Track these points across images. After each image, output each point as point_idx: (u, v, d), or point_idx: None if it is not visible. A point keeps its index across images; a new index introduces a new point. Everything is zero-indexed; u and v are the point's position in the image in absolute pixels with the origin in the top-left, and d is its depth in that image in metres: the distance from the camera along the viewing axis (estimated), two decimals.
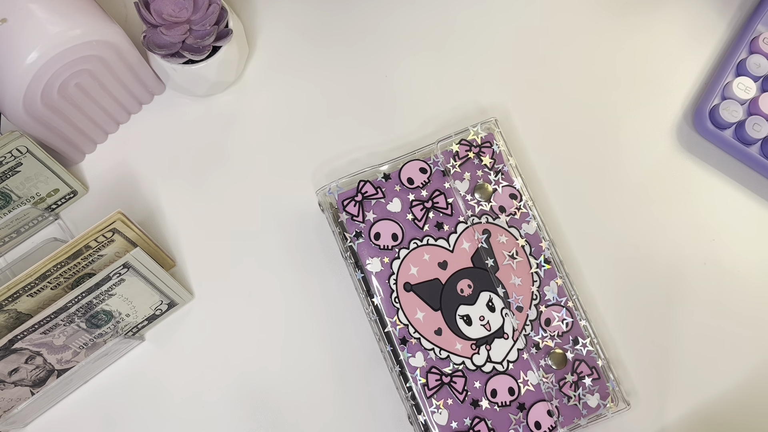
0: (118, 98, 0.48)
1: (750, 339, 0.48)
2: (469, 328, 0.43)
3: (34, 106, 0.42)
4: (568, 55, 0.53)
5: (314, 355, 0.46)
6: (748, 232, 0.50)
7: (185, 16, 0.44)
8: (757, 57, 0.51)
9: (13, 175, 0.43)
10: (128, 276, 0.40)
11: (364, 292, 0.44)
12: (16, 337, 0.38)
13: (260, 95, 0.52)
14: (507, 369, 0.43)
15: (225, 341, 0.46)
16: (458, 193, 0.46)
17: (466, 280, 0.44)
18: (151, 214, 0.49)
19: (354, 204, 0.45)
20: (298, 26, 0.53)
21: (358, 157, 0.50)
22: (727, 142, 0.50)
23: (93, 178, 0.49)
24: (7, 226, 0.45)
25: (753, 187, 0.51)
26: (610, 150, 0.51)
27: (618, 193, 0.50)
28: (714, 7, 0.55)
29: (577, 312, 0.44)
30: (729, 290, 0.49)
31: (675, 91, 0.53)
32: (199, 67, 0.46)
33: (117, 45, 0.43)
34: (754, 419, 0.46)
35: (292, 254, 0.48)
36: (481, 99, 0.52)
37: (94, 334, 0.43)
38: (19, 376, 0.41)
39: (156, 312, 0.45)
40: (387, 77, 0.52)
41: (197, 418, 0.45)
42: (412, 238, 0.44)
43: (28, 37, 0.39)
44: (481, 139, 0.47)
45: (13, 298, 0.39)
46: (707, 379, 0.47)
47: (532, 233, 0.46)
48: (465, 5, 0.54)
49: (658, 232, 0.50)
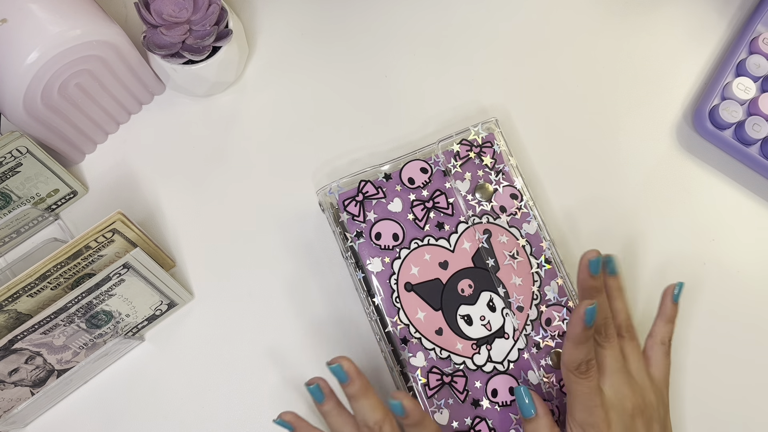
0: (118, 98, 0.48)
1: (750, 339, 0.48)
2: (469, 328, 0.43)
3: (34, 106, 0.42)
4: (568, 55, 0.53)
5: (314, 355, 0.46)
6: (748, 232, 0.50)
7: (185, 17, 0.44)
8: (756, 57, 0.51)
9: (13, 176, 0.43)
10: (128, 276, 0.40)
11: (364, 292, 0.44)
12: (16, 337, 0.38)
13: (260, 95, 0.52)
14: (508, 369, 0.43)
15: (225, 341, 0.46)
16: (459, 193, 0.46)
17: (467, 279, 0.44)
18: (151, 214, 0.49)
19: (355, 204, 0.45)
20: (298, 26, 0.53)
21: (358, 157, 0.50)
22: (726, 143, 0.50)
23: (93, 178, 0.49)
24: (7, 227, 0.45)
25: (753, 187, 0.51)
26: (610, 150, 0.51)
27: (618, 192, 0.50)
28: (714, 7, 0.55)
29: None
30: (729, 290, 0.49)
31: (675, 91, 0.53)
32: (199, 67, 0.46)
33: (117, 45, 0.43)
34: (754, 419, 0.46)
35: (292, 254, 0.48)
36: (481, 99, 0.52)
37: (94, 335, 0.43)
38: (19, 376, 0.41)
39: (156, 312, 0.45)
40: (387, 77, 0.52)
41: (197, 418, 0.45)
42: (413, 238, 0.44)
43: (28, 37, 0.39)
44: (482, 139, 0.47)
45: (13, 298, 0.39)
46: (707, 379, 0.47)
47: (532, 233, 0.46)
48: (465, 5, 0.54)
49: (658, 232, 0.50)
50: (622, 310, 0.43)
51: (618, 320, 0.43)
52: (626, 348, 0.42)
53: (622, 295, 0.43)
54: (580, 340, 0.38)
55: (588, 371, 0.39)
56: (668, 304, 0.44)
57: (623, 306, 0.43)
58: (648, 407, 0.40)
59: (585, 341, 0.38)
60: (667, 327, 0.44)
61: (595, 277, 0.40)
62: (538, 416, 0.40)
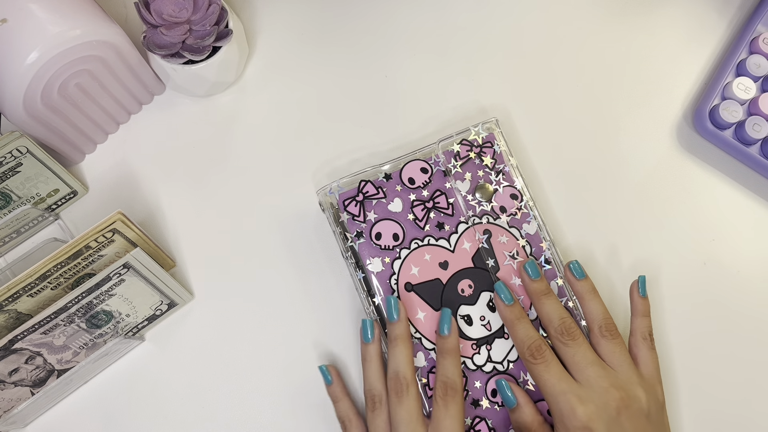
0: (118, 98, 0.48)
1: (750, 339, 0.48)
2: (469, 328, 0.43)
3: (34, 106, 0.42)
4: (568, 55, 0.53)
5: (314, 355, 0.46)
6: (748, 232, 0.50)
7: (185, 17, 0.44)
8: (757, 57, 0.51)
9: (13, 176, 0.43)
10: (128, 276, 0.40)
11: (364, 292, 0.44)
12: (16, 337, 0.38)
13: (260, 95, 0.52)
14: (507, 369, 0.43)
15: (225, 341, 0.46)
16: (459, 193, 0.46)
17: (467, 280, 0.44)
18: (151, 214, 0.49)
19: (355, 204, 0.45)
20: (298, 26, 0.53)
21: (358, 157, 0.50)
22: (727, 143, 0.50)
23: (93, 178, 0.49)
24: (7, 226, 0.45)
25: (753, 187, 0.51)
26: (610, 150, 0.51)
27: (618, 192, 0.50)
28: (714, 7, 0.55)
29: (577, 312, 0.44)
30: (729, 290, 0.49)
31: (675, 91, 0.53)
32: (199, 67, 0.46)
33: (117, 45, 0.43)
34: (754, 419, 0.46)
35: (292, 254, 0.48)
36: (481, 99, 0.52)
37: (95, 335, 0.43)
38: (19, 376, 0.41)
39: (156, 312, 0.45)
40: (387, 77, 0.52)
41: (197, 418, 0.45)
42: (413, 238, 0.44)
43: (28, 37, 0.39)
44: (482, 139, 0.47)
45: (13, 298, 0.39)
46: (707, 379, 0.47)
47: (532, 233, 0.46)
48: (465, 5, 0.54)
49: (658, 232, 0.50)
50: (598, 310, 0.43)
51: (597, 321, 0.42)
52: (608, 346, 0.41)
53: (595, 296, 0.43)
54: (510, 319, 0.42)
55: (541, 353, 0.40)
56: (637, 299, 0.44)
57: (598, 307, 0.43)
58: (634, 401, 0.39)
59: (517, 319, 0.42)
60: (644, 321, 0.43)
61: (535, 280, 0.43)
62: (520, 405, 0.41)
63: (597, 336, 0.42)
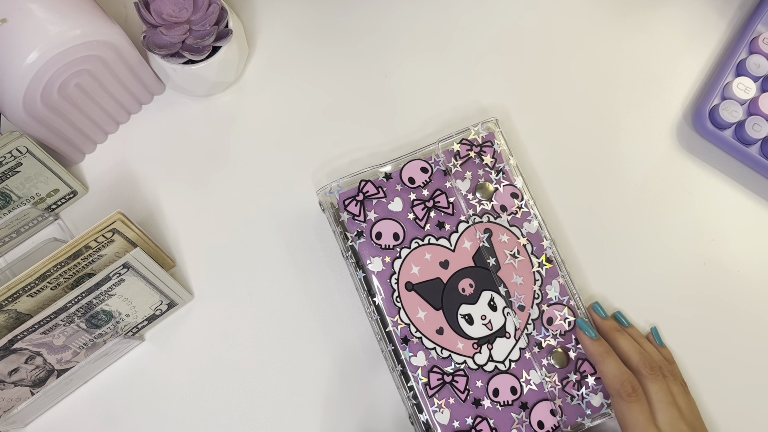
0: (118, 98, 0.48)
1: (750, 338, 0.48)
2: (470, 327, 0.43)
3: (34, 106, 0.42)
4: (568, 55, 0.53)
5: (314, 355, 0.46)
6: (748, 232, 0.50)
7: (185, 16, 0.44)
8: (757, 57, 0.51)
9: (13, 175, 0.43)
10: (128, 276, 0.40)
11: (365, 292, 0.44)
12: (16, 337, 0.38)
13: (260, 95, 0.52)
14: (509, 368, 0.43)
15: (225, 341, 0.46)
16: (459, 192, 0.46)
17: (468, 279, 0.44)
18: (151, 214, 0.49)
19: (355, 203, 0.45)
20: (298, 26, 0.53)
21: (359, 157, 0.50)
22: (727, 142, 0.50)
23: (93, 178, 0.49)
24: (7, 226, 0.45)
25: (753, 187, 0.51)
26: (610, 150, 0.51)
27: (618, 192, 0.50)
28: (714, 7, 0.55)
29: (579, 311, 0.44)
30: (729, 290, 0.49)
31: (675, 91, 0.53)
32: (199, 67, 0.46)
33: (117, 45, 0.43)
34: (754, 418, 0.46)
35: (292, 254, 0.48)
36: (481, 99, 0.52)
37: (94, 334, 0.42)
38: (19, 376, 0.41)
39: (156, 312, 0.45)
40: (387, 77, 0.52)
41: (197, 418, 0.45)
42: (414, 237, 0.44)
43: (28, 37, 0.39)
44: (482, 139, 0.47)
45: (13, 298, 0.39)
46: (707, 378, 0.47)
47: (533, 232, 0.46)
48: (465, 5, 0.54)
49: (658, 232, 0.50)
50: (653, 352, 0.44)
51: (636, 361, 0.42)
52: (672, 387, 0.42)
53: (645, 341, 0.45)
54: (598, 353, 0.41)
55: (634, 392, 0.40)
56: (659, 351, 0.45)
57: (653, 349, 0.44)
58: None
59: (606, 353, 0.41)
60: (672, 368, 0.44)
61: (605, 319, 0.45)
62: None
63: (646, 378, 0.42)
